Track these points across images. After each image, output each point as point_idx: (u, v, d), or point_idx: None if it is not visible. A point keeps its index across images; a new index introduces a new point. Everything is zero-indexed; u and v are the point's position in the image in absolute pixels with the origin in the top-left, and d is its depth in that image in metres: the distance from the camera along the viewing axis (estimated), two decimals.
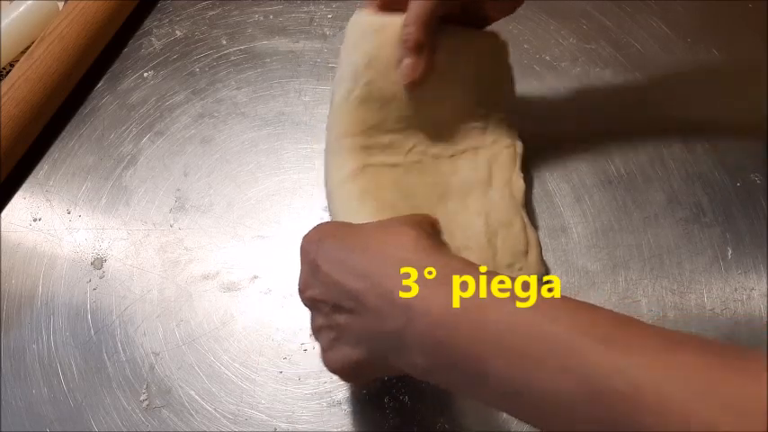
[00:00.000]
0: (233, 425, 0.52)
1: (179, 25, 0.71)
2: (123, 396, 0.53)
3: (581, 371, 0.32)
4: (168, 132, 0.65)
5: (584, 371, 0.32)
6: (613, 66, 0.67)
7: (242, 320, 0.56)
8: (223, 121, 0.65)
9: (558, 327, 0.34)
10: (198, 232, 0.60)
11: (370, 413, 0.53)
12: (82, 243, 0.60)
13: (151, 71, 0.68)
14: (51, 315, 0.57)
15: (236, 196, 0.61)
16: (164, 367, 0.55)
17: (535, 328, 0.34)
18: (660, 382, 0.30)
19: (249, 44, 0.69)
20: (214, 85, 0.67)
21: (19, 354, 0.55)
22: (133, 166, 0.63)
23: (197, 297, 0.57)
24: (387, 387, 0.54)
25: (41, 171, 0.63)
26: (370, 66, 0.53)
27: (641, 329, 0.33)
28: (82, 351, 0.55)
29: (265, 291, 0.58)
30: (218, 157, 0.63)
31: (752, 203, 0.61)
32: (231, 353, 0.55)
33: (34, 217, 0.61)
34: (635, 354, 0.31)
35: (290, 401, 0.53)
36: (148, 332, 0.56)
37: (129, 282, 0.58)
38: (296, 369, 0.55)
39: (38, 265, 0.59)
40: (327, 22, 0.71)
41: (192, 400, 0.53)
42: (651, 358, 0.31)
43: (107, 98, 0.67)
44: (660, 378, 0.30)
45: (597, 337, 0.32)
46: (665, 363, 0.30)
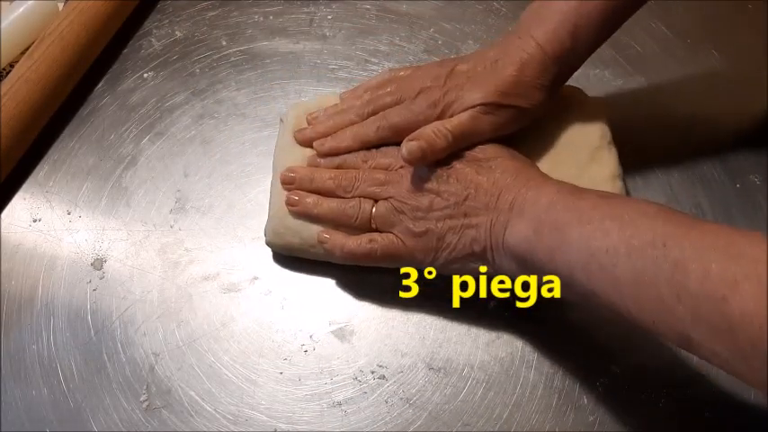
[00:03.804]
0: (233, 425, 0.52)
1: (179, 26, 0.71)
2: (123, 397, 0.53)
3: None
4: (168, 133, 0.65)
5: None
6: (613, 66, 0.67)
7: (242, 321, 0.56)
8: (223, 122, 0.65)
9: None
10: (198, 233, 0.60)
11: (370, 413, 0.53)
12: (82, 244, 0.60)
13: (151, 72, 0.68)
14: (51, 316, 0.56)
15: (236, 197, 0.62)
16: (164, 368, 0.55)
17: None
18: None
19: (249, 45, 0.70)
20: (214, 86, 0.67)
21: (19, 354, 0.55)
22: (133, 167, 0.63)
23: (197, 298, 0.57)
24: (387, 387, 0.54)
25: (41, 172, 0.63)
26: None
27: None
28: (82, 352, 0.55)
29: (265, 292, 0.58)
30: (219, 158, 0.63)
31: (751, 204, 0.61)
32: (231, 354, 0.55)
33: (34, 218, 0.61)
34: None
35: (291, 402, 0.53)
36: (148, 333, 0.56)
37: (130, 282, 0.58)
38: (296, 370, 0.55)
39: (38, 266, 0.59)
40: (327, 23, 0.71)
41: (193, 400, 0.53)
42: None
43: (107, 99, 0.67)
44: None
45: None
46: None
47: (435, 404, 0.53)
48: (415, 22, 0.71)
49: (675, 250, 0.40)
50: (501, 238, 0.50)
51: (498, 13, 0.72)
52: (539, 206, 0.49)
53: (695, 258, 0.39)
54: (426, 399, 0.53)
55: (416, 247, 0.53)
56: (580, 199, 0.47)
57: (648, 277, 0.41)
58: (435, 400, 0.53)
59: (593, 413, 0.53)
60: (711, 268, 0.38)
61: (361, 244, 0.54)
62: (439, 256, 0.53)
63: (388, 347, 0.55)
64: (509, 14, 0.72)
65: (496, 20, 0.72)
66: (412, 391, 0.54)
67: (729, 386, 0.53)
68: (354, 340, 0.56)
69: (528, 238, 0.48)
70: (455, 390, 0.54)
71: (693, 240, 0.40)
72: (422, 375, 0.54)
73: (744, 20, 0.71)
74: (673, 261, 0.40)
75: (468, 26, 0.71)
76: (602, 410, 0.53)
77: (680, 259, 0.40)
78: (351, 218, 0.55)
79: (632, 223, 0.43)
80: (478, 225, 0.51)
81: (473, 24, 0.71)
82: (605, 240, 0.43)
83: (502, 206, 0.50)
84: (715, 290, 0.38)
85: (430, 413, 0.53)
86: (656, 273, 0.41)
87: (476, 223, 0.51)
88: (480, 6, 0.73)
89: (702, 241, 0.40)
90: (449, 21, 0.71)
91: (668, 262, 0.40)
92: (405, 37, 0.70)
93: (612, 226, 0.44)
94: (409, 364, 0.55)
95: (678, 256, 0.40)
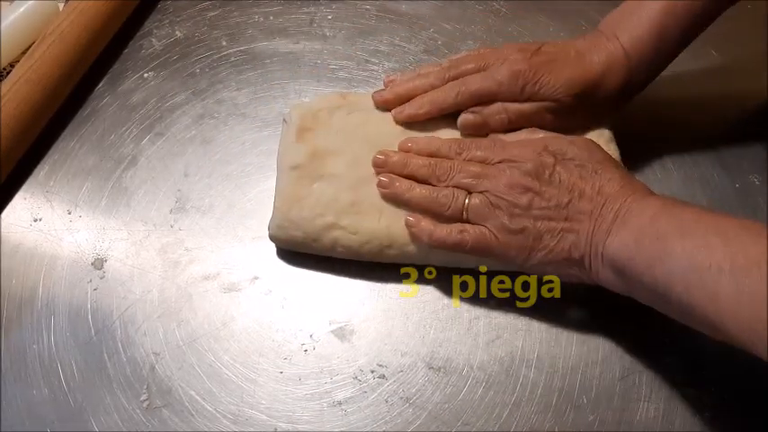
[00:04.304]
0: (233, 425, 0.53)
1: (179, 26, 0.71)
2: (124, 396, 0.53)
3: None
4: (169, 133, 0.65)
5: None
6: None
7: (242, 321, 0.56)
8: (223, 122, 0.65)
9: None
10: (198, 233, 0.60)
11: (370, 413, 0.53)
12: (82, 243, 0.60)
13: (151, 72, 0.68)
14: (52, 315, 0.57)
15: (236, 197, 0.62)
16: (164, 367, 0.55)
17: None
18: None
19: (249, 45, 0.70)
20: (214, 86, 0.67)
21: (19, 354, 0.55)
22: (134, 167, 0.63)
23: (197, 297, 0.57)
24: (386, 387, 0.54)
25: (42, 171, 0.63)
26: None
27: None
28: (82, 351, 0.55)
29: (266, 291, 0.58)
30: (219, 158, 0.63)
31: (751, 204, 0.61)
32: (232, 353, 0.55)
33: (35, 217, 0.61)
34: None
35: (291, 402, 0.53)
36: (149, 332, 0.56)
37: (130, 282, 0.58)
38: (296, 369, 0.55)
39: (38, 266, 0.59)
40: (327, 23, 0.71)
41: (193, 400, 0.53)
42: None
43: (107, 99, 0.67)
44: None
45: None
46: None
47: (435, 403, 0.53)
48: (415, 22, 0.71)
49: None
50: (601, 246, 0.49)
51: (498, 14, 0.72)
52: (643, 218, 0.48)
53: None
54: (426, 398, 0.53)
55: (510, 244, 0.52)
56: (684, 212, 0.47)
57: (752, 296, 0.41)
58: (435, 399, 0.53)
59: (592, 413, 0.53)
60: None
61: (451, 233, 0.53)
62: (533, 256, 0.52)
63: (388, 347, 0.55)
64: (509, 14, 0.72)
65: (496, 20, 0.72)
66: (412, 390, 0.54)
67: (730, 386, 0.53)
68: (354, 340, 0.56)
69: (629, 247, 0.48)
70: (455, 389, 0.54)
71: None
72: (422, 375, 0.54)
73: (744, 20, 0.71)
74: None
75: (468, 26, 0.71)
76: (601, 410, 0.53)
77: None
78: (443, 206, 0.54)
79: (737, 240, 0.43)
80: (579, 231, 0.51)
81: (473, 24, 0.71)
82: (709, 256, 0.43)
83: (605, 215, 0.50)
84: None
85: (430, 412, 0.53)
86: (759, 292, 0.40)
87: (577, 229, 0.51)
88: (480, 6, 0.73)
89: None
90: (449, 21, 0.72)
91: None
92: (405, 37, 0.71)
93: (717, 242, 0.43)
94: (409, 363, 0.55)
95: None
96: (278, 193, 0.58)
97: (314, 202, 0.56)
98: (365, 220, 0.56)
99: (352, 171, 0.57)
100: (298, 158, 0.58)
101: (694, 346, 0.55)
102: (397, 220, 0.56)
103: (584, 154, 0.53)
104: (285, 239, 0.57)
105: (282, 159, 0.59)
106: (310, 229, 0.56)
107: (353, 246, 0.56)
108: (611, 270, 0.49)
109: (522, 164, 0.53)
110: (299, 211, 0.56)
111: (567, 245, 0.51)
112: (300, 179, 0.57)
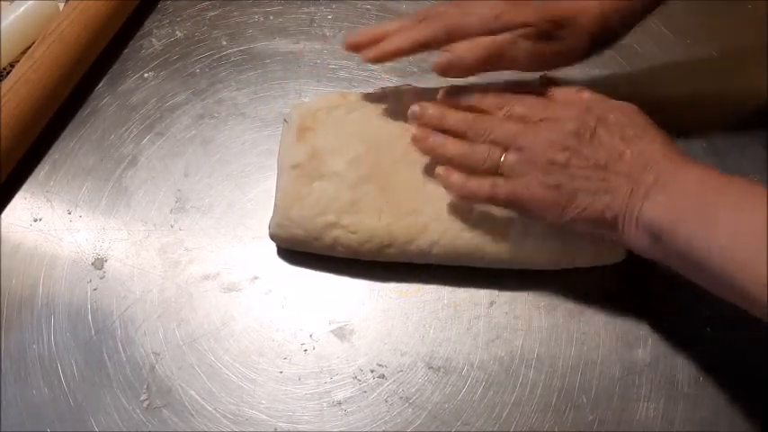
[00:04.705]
0: (233, 425, 0.53)
1: (179, 26, 0.71)
2: (124, 396, 0.54)
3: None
4: (169, 133, 0.65)
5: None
6: (612, 67, 0.67)
7: (242, 321, 0.56)
8: (223, 122, 0.65)
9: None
10: (198, 233, 0.60)
11: (370, 412, 0.53)
12: (82, 243, 0.60)
13: (151, 72, 0.68)
14: (52, 315, 0.57)
15: (236, 197, 0.62)
16: (164, 367, 0.55)
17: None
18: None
19: (249, 45, 0.70)
20: (214, 86, 0.67)
21: (19, 354, 0.55)
22: (134, 167, 0.63)
23: (197, 297, 0.57)
24: (386, 386, 0.54)
25: (42, 171, 0.63)
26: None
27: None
28: (82, 351, 0.55)
29: (266, 291, 0.58)
30: (219, 158, 0.63)
31: None
32: (232, 353, 0.55)
33: (35, 217, 0.61)
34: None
35: (291, 401, 0.53)
36: (149, 332, 0.56)
37: (130, 282, 0.58)
38: (296, 369, 0.55)
39: (38, 266, 0.59)
40: (327, 23, 0.71)
41: (193, 400, 0.53)
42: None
43: (107, 99, 0.67)
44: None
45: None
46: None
47: (435, 403, 0.53)
48: None
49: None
50: (638, 209, 0.48)
51: None
52: (687, 185, 0.47)
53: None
54: (426, 398, 0.54)
55: (545, 199, 0.51)
56: (729, 184, 0.47)
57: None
58: (435, 399, 0.53)
59: (592, 412, 0.53)
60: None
61: (483, 186, 0.53)
62: (566, 214, 0.51)
63: (388, 347, 0.55)
64: None
65: None
66: (411, 390, 0.54)
67: (729, 387, 0.54)
68: (354, 339, 0.56)
69: (669, 214, 0.47)
70: (454, 389, 0.54)
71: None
72: (421, 374, 0.54)
73: (744, 20, 0.71)
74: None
75: None
76: (601, 410, 0.53)
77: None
78: (479, 162, 0.53)
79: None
80: (616, 192, 0.49)
81: None
82: (753, 228, 0.43)
83: (645, 178, 0.49)
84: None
85: (429, 412, 0.53)
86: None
87: (614, 190, 0.49)
88: None
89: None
90: None
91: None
92: None
93: (763, 211, 0.43)
94: (409, 363, 0.55)
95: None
96: (279, 192, 0.58)
97: (314, 200, 0.56)
98: (365, 219, 0.56)
99: (352, 170, 0.57)
100: (298, 158, 0.58)
101: (694, 346, 0.55)
102: (398, 219, 0.56)
103: (626, 119, 0.52)
104: (286, 238, 0.57)
105: (283, 159, 0.59)
106: (311, 227, 0.56)
107: (353, 245, 0.56)
108: (647, 234, 0.48)
109: (563, 123, 0.52)
110: (300, 210, 0.56)
111: (601, 205, 0.50)
112: (301, 178, 0.57)
